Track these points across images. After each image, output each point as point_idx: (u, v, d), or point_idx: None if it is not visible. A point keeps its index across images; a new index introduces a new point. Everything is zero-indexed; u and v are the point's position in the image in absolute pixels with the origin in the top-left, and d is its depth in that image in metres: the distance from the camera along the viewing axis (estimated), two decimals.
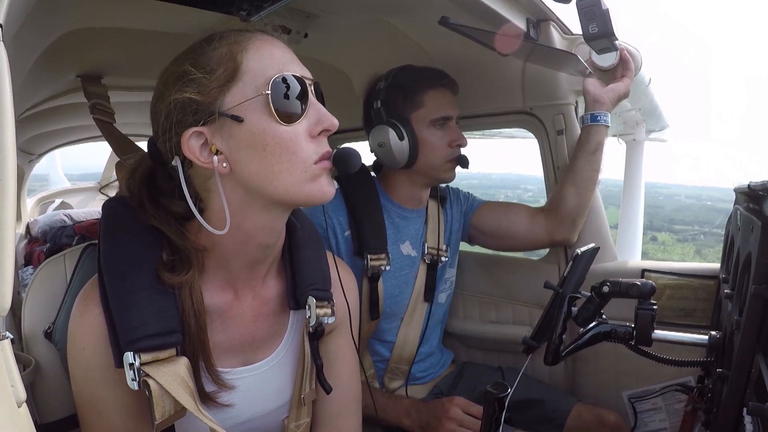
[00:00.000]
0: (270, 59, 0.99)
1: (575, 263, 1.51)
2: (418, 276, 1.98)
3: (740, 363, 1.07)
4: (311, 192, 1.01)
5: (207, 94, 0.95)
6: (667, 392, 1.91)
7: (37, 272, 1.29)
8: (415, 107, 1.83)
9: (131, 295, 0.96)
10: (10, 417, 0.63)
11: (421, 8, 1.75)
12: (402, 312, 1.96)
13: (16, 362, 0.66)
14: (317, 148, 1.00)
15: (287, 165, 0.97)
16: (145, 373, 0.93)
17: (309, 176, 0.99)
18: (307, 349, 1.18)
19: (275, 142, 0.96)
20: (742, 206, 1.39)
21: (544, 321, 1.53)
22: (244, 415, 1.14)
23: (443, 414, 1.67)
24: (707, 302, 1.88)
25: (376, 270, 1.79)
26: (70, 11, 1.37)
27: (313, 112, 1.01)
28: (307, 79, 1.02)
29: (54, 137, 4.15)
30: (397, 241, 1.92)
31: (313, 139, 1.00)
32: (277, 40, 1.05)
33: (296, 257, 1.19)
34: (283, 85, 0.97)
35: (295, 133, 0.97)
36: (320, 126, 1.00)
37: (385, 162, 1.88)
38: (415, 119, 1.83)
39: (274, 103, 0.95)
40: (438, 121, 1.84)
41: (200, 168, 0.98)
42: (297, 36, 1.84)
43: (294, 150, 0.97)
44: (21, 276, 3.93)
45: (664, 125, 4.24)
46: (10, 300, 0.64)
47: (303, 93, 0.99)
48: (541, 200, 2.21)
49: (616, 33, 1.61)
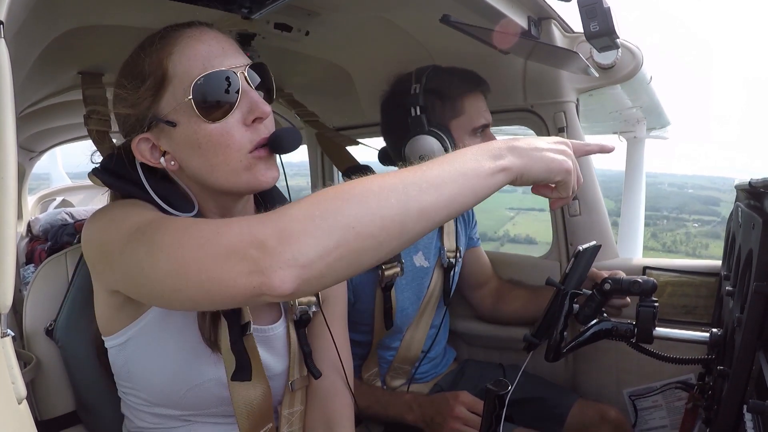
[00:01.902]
0: (194, 59, 1.00)
1: (576, 260, 1.51)
2: (432, 282, 1.94)
3: (741, 360, 1.07)
4: (249, 181, 1.04)
5: (139, 105, 1.02)
6: (667, 390, 1.91)
7: (38, 270, 1.30)
8: (455, 114, 1.74)
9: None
10: (11, 413, 0.63)
11: (422, 6, 1.75)
12: (409, 323, 1.92)
13: (17, 359, 0.67)
14: (252, 137, 1.02)
15: (222, 158, 1.01)
16: None
17: (245, 165, 1.02)
18: (293, 336, 1.23)
19: (207, 140, 1.00)
20: (743, 203, 1.39)
21: (545, 318, 1.53)
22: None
23: (448, 412, 1.64)
24: (708, 299, 1.88)
25: (390, 279, 1.75)
26: (72, 9, 1.37)
27: (245, 102, 1.01)
28: (237, 68, 1.02)
29: (55, 134, 4.15)
30: (410, 252, 1.87)
31: (248, 128, 1.02)
32: (205, 31, 1.04)
33: None
34: (205, 85, 0.98)
35: (226, 128, 1.00)
36: (252, 115, 1.01)
37: None
38: (455, 127, 1.74)
39: (198, 106, 0.98)
40: (479, 130, 1.77)
41: None
42: (298, 34, 1.84)
43: (227, 143, 1.00)
44: (22, 274, 3.94)
45: (665, 123, 4.23)
46: (12, 298, 0.65)
47: (230, 86, 1.00)
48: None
49: (617, 31, 1.61)
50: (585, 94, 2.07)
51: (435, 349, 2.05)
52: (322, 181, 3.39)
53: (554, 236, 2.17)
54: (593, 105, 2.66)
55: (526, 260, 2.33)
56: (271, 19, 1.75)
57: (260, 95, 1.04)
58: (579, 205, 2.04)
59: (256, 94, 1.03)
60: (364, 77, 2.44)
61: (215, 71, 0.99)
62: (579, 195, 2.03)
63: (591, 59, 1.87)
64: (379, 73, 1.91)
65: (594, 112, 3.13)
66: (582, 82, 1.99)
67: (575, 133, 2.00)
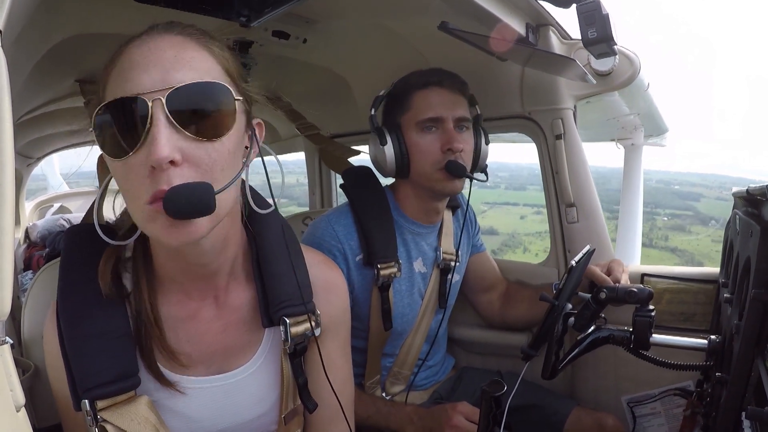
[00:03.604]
0: (119, 81, 0.86)
1: (570, 275, 1.51)
2: (431, 285, 1.93)
3: (739, 367, 1.07)
4: (153, 234, 0.88)
5: (89, 122, 0.87)
6: (666, 397, 1.91)
7: (36, 277, 1.30)
8: (404, 110, 1.74)
9: (85, 343, 0.96)
10: (9, 421, 0.63)
11: (420, 13, 1.75)
12: (410, 328, 1.91)
13: (15, 367, 0.66)
14: (149, 186, 0.83)
15: (128, 201, 0.88)
16: (102, 418, 0.94)
17: (147, 216, 0.85)
18: (287, 368, 1.13)
19: (115, 176, 0.89)
20: (741, 210, 1.39)
21: (541, 331, 1.53)
22: (219, 425, 1.11)
23: (446, 422, 1.63)
24: (707, 306, 1.88)
25: (387, 279, 1.73)
26: (70, 17, 1.38)
27: (149, 141, 0.81)
28: (155, 93, 0.82)
29: (52, 141, 4.16)
30: (410, 258, 1.86)
31: (150, 174, 0.83)
32: (152, 38, 0.89)
33: (264, 272, 1.09)
34: (105, 115, 0.84)
35: (125, 168, 0.84)
36: (149, 161, 0.81)
37: (378, 170, 1.81)
38: (404, 123, 1.74)
39: (98, 138, 0.86)
40: (425, 123, 1.70)
41: None
42: (296, 41, 1.84)
43: (126, 187, 0.86)
44: (20, 281, 3.94)
45: (663, 130, 4.24)
46: (10, 304, 0.64)
47: (134, 120, 0.82)
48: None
49: (615, 38, 1.62)
50: (582, 101, 2.07)
51: (435, 357, 2.04)
52: (319, 184, 3.40)
53: (552, 243, 2.17)
54: (591, 112, 2.67)
55: (524, 267, 2.33)
56: (269, 27, 1.76)
57: (176, 131, 0.83)
58: (576, 211, 2.04)
59: (164, 131, 0.81)
60: (361, 84, 2.45)
61: (120, 98, 0.83)
62: (576, 202, 2.03)
63: (588, 66, 1.88)
64: (376, 80, 1.92)
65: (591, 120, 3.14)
66: (579, 89, 2.00)
67: (573, 140, 2.00)
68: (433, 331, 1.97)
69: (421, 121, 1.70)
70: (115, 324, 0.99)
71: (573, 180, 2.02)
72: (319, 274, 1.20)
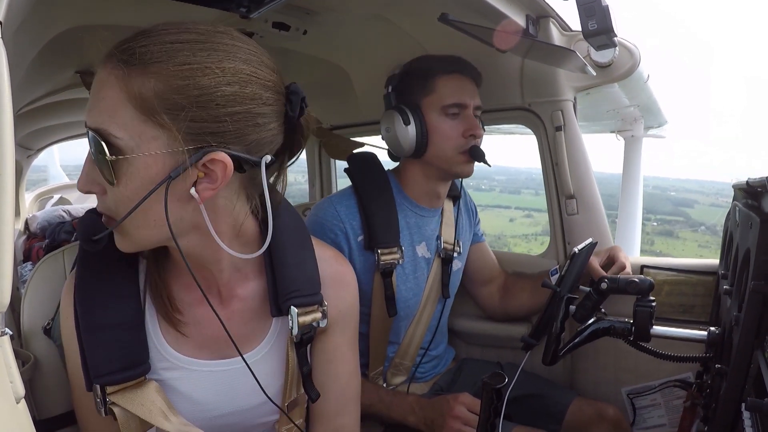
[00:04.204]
0: None
1: (572, 262, 1.52)
2: (432, 272, 1.94)
3: (739, 359, 1.07)
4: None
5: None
6: (666, 388, 1.91)
7: (36, 268, 1.29)
8: (426, 92, 1.76)
9: (99, 331, 0.99)
10: (9, 413, 0.63)
11: (420, 5, 1.75)
12: (414, 314, 1.92)
13: (15, 358, 0.67)
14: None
15: None
16: (111, 401, 0.98)
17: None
18: (292, 358, 1.15)
19: None
20: (740, 202, 1.39)
21: (542, 320, 1.53)
22: (222, 409, 1.12)
23: (448, 412, 1.63)
24: (706, 298, 1.88)
25: (389, 265, 1.74)
26: (70, 8, 1.37)
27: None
28: (98, 131, 0.86)
29: (53, 132, 4.15)
30: (413, 242, 1.87)
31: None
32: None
33: (276, 261, 1.12)
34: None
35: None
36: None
37: (393, 149, 1.82)
38: (426, 105, 1.76)
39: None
40: (450, 108, 1.75)
41: None
42: (296, 33, 1.84)
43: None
44: (20, 272, 3.94)
45: (662, 122, 4.24)
46: (9, 296, 0.65)
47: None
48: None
49: (615, 29, 1.61)
50: (582, 92, 2.07)
51: (437, 348, 2.05)
52: (319, 176, 3.39)
53: (552, 235, 2.17)
54: (591, 104, 2.67)
55: (523, 258, 2.33)
56: (269, 18, 1.75)
57: (95, 166, 0.88)
58: (576, 203, 2.05)
59: (86, 166, 0.91)
60: (362, 76, 2.44)
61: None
62: (576, 194, 2.03)
63: (588, 57, 1.87)
64: (376, 71, 1.91)
65: (592, 111, 3.13)
66: (579, 81, 1.99)
67: (573, 132, 2.00)
68: (435, 320, 1.98)
69: (446, 105, 1.75)
70: (128, 314, 1.02)
71: (573, 172, 2.02)
72: (329, 268, 1.21)
